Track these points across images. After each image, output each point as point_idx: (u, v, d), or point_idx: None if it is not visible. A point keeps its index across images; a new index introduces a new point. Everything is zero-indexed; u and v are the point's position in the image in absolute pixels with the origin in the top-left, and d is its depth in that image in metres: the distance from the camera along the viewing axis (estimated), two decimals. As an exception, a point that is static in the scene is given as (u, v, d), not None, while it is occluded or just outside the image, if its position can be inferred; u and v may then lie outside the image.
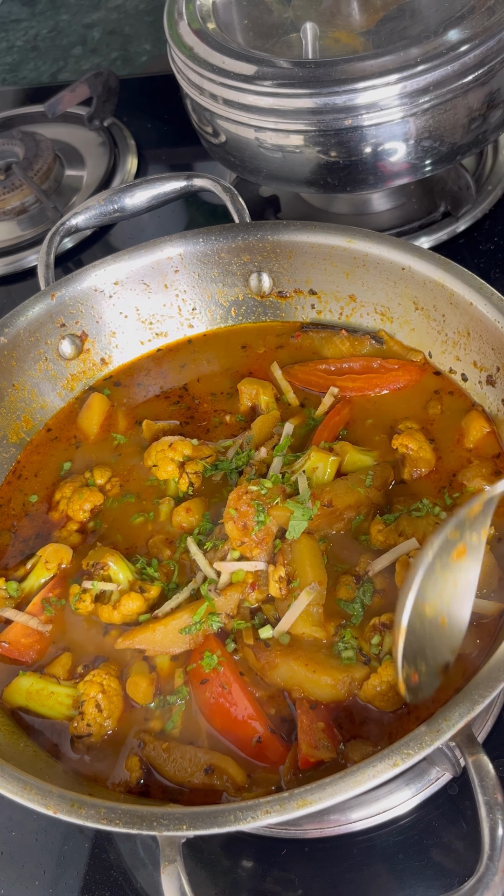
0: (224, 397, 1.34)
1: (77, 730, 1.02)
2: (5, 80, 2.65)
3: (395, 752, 0.82)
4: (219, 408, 1.33)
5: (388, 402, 1.27)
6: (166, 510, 1.21)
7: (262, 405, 1.29)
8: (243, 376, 1.34)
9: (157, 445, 1.25)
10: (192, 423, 1.33)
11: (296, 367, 1.32)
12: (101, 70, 2.09)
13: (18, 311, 1.32)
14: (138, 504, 1.24)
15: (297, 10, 1.60)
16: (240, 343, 1.40)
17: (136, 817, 0.83)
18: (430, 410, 1.24)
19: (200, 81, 1.49)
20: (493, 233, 1.67)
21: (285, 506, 1.08)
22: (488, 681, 0.85)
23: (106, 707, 1.03)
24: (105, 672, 1.05)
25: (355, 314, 1.35)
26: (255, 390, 1.29)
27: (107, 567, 1.12)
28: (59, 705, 1.05)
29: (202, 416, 1.33)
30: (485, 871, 0.78)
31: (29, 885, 1.13)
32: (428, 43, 1.36)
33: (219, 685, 1.01)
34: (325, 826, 1.08)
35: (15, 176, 1.98)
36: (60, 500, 1.25)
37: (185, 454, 1.23)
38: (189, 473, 1.22)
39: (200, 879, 1.09)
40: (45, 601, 1.14)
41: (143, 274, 1.38)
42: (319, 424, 1.24)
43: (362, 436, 1.24)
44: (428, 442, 1.18)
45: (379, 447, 1.22)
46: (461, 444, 1.19)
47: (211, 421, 1.32)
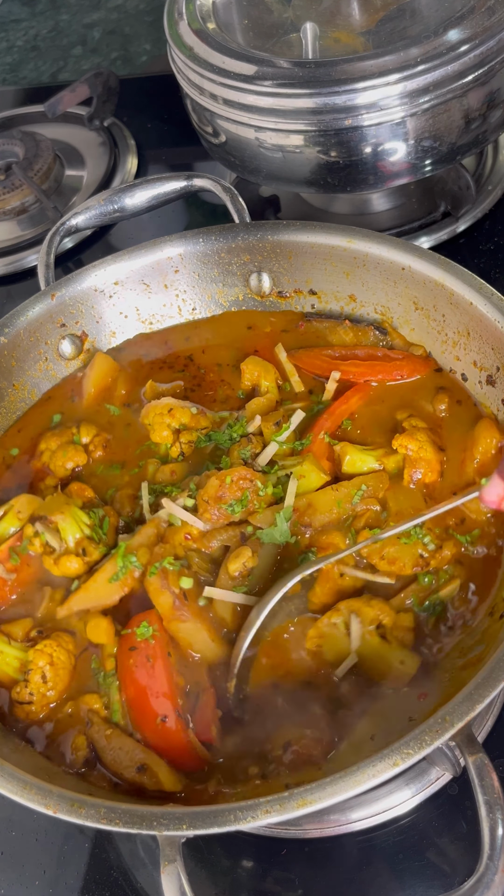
0: (230, 369, 1.34)
1: (19, 696, 1.03)
2: (5, 80, 2.65)
3: (395, 752, 0.82)
4: (225, 378, 1.33)
5: (394, 396, 1.26)
6: (150, 471, 1.22)
7: (261, 387, 1.29)
8: (247, 354, 1.33)
9: (157, 407, 1.25)
10: (197, 391, 1.33)
11: (300, 352, 1.32)
12: (101, 70, 2.09)
13: (18, 311, 1.32)
14: (123, 457, 1.26)
15: (297, 10, 1.60)
16: (245, 324, 1.40)
17: (136, 817, 0.83)
18: (435, 405, 1.22)
19: (200, 81, 1.49)
20: (493, 233, 1.67)
21: (263, 515, 1.10)
22: (488, 681, 0.85)
23: (52, 678, 1.03)
24: (57, 643, 1.05)
25: (355, 314, 1.35)
26: (257, 371, 1.29)
27: (54, 523, 1.13)
28: (7, 666, 1.06)
29: (208, 386, 1.33)
30: (485, 871, 0.78)
31: (29, 885, 1.13)
32: (428, 43, 1.36)
33: (144, 656, 1.01)
34: (325, 826, 1.08)
35: (15, 176, 1.98)
36: (45, 451, 1.26)
37: (183, 422, 1.23)
38: (182, 442, 1.23)
39: (200, 879, 1.09)
40: (12, 549, 1.14)
41: (143, 274, 1.38)
42: (324, 411, 1.24)
43: (366, 430, 1.23)
44: (431, 443, 1.16)
45: (383, 445, 1.20)
46: (470, 456, 1.16)
47: (217, 392, 1.32)
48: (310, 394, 1.29)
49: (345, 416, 1.24)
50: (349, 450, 1.17)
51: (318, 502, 1.12)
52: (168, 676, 1.00)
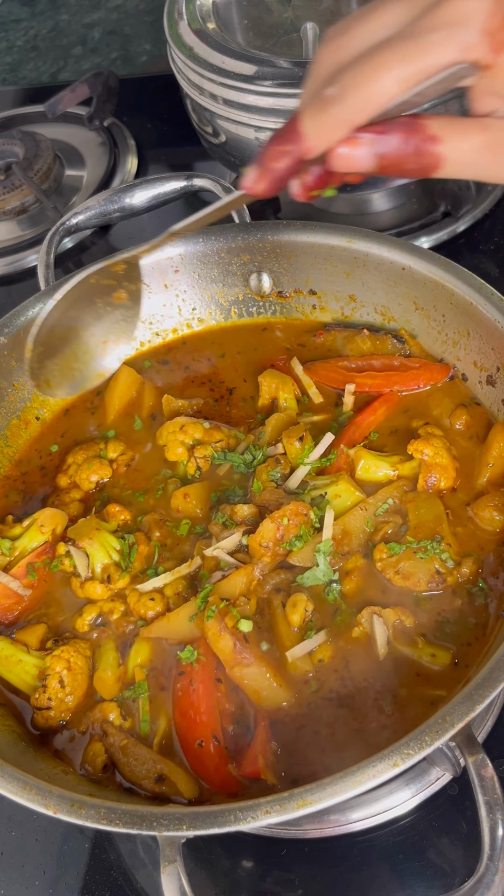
0: (250, 381, 1.34)
1: (38, 701, 1.03)
2: (5, 80, 2.65)
3: (396, 752, 0.82)
4: (245, 394, 1.33)
5: (413, 404, 1.25)
6: (172, 490, 1.22)
7: (280, 400, 1.28)
8: (265, 367, 1.33)
9: (170, 426, 1.25)
10: (220, 403, 1.33)
11: (316, 364, 1.31)
12: (101, 70, 2.09)
13: (18, 311, 1.32)
14: (145, 484, 1.25)
15: (297, 10, 1.60)
16: (260, 335, 1.41)
17: (136, 817, 0.83)
18: (453, 420, 1.21)
19: (200, 81, 1.49)
20: (493, 233, 1.67)
21: (301, 553, 1.08)
22: (488, 681, 0.85)
23: (69, 683, 1.03)
24: (74, 649, 1.05)
25: (355, 314, 1.35)
26: (275, 384, 1.28)
27: (83, 548, 1.13)
28: (26, 674, 1.06)
29: (228, 401, 1.33)
30: (485, 871, 0.78)
31: (29, 885, 1.13)
32: (428, 43, 1.36)
33: (189, 680, 1.01)
34: (325, 826, 1.08)
35: (15, 176, 1.98)
36: (71, 464, 1.26)
37: (196, 437, 1.23)
38: (197, 458, 1.22)
39: (200, 879, 1.09)
40: (30, 566, 1.14)
41: (143, 274, 1.36)
42: (350, 423, 1.23)
43: (381, 438, 1.23)
44: (446, 449, 1.14)
45: (399, 452, 1.19)
46: (484, 462, 1.15)
47: (237, 404, 1.32)
48: (335, 406, 1.27)
49: (372, 427, 1.22)
50: (363, 454, 1.16)
51: (351, 527, 1.10)
52: (209, 701, 1.00)
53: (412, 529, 1.09)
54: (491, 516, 1.10)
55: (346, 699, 1.00)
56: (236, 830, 0.81)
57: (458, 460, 1.16)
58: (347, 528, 1.10)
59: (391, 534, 1.10)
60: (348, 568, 1.08)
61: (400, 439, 1.20)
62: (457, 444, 1.18)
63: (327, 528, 1.08)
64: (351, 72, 0.73)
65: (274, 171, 0.80)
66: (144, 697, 1.04)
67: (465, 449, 1.18)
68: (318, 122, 0.76)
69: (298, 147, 0.78)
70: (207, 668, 1.02)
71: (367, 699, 0.99)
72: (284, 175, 0.80)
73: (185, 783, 0.96)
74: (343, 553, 1.09)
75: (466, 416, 1.20)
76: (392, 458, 1.17)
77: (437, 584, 1.05)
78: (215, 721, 0.99)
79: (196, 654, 1.02)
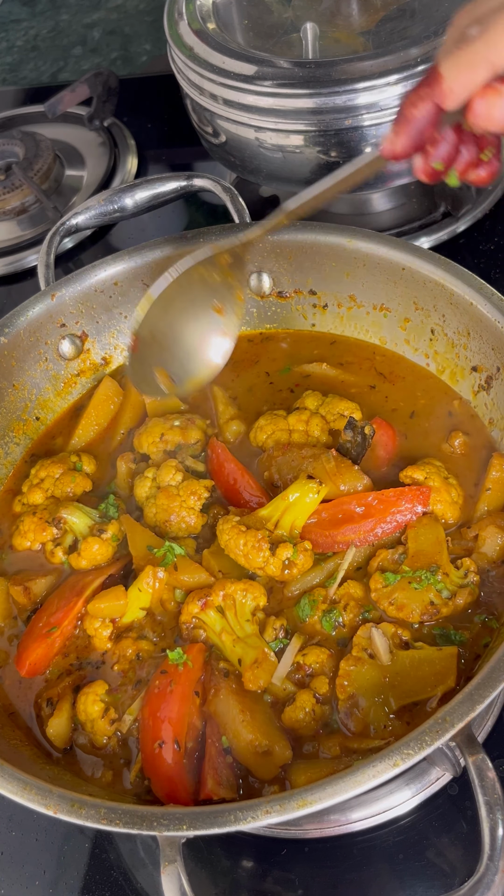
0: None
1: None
2: (5, 80, 2.65)
3: (396, 752, 0.82)
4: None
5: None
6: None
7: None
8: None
9: (149, 436, 1.25)
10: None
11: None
12: (101, 70, 2.09)
13: (18, 311, 1.32)
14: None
15: (297, 10, 1.60)
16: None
17: (136, 817, 0.83)
18: (450, 441, 1.20)
19: (200, 81, 1.49)
20: (494, 233, 1.67)
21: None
22: (488, 681, 0.85)
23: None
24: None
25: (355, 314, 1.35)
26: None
27: (64, 521, 1.17)
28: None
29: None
30: (485, 871, 0.78)
31: (29, 885, 1.13)
32: (428, 43, 1.36)
33: (168, 680, 1.01)
34: (325, 826, 1.08)
35: (15, 176, 1.98)
36: (46, 478, 1.24)
37: (178, 442, 1.24)
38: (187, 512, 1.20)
39: (200, 879, 1.09)
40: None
41: (143, 274, 1.37)
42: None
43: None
44: (438, 474, 1.13)
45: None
46: (483, 488, 1.14)
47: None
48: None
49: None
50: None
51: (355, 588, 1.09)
52: (181, 708, 0.99)
53: (410, 558, 1.07)
54: (493, 541, 1.08)
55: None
56: (236, 830, 0.81)
57: (457, 487, 1.15)
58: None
59: (390, 561, 1.09)
60: (343, 596, 1.08)
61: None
62: (453, 469, 1.18)
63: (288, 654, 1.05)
64: (494, 15, 0.71)
65: (412, 121, 0.78)
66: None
67: (463, 473, 1.18)
68: (458, 60, 0.74)
69: (437, 89, 0.75)
70: (190, 676, 1.02)
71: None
72: (422, 127, 0.78)
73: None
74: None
75: (461, 436, 1.21)
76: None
77: (430, 616, 1.03)
78: (182, 728, 0.98)
79: (184, 657, 1.02)
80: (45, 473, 1.25)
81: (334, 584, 1.08)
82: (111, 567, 1.15)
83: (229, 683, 1.02)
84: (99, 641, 1.08)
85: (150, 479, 1.20)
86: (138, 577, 1.10)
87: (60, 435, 1.36)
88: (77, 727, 1.05)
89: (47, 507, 1.21)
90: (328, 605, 1.07)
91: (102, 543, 1.15)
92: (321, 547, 1.12)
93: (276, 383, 1.35)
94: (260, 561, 1.07)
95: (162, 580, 1.09)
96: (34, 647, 1.09)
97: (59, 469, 1.25)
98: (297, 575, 1.09)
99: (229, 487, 1.20)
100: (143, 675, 1.06)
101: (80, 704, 1.04)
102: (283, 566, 1.07)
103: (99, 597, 1.10)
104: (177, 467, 1.19)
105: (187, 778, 0.97)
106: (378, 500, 1.11)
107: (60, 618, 1.10)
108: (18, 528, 1.21)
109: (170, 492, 1.17)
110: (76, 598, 1.11)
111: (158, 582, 1.09)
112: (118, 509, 1.20)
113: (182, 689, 1.00)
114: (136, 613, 1.10)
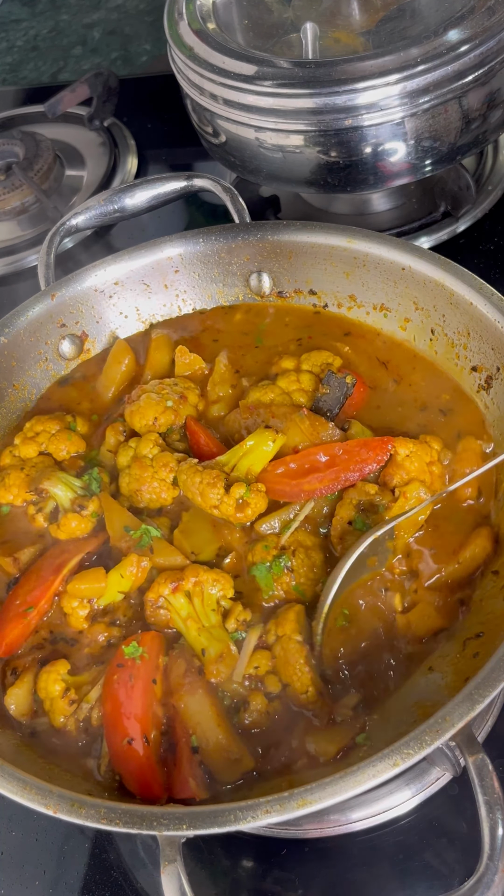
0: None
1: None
2: (5, 80, 2.65)
3: (396, 752, 0.82)
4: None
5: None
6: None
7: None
8: None
9: (137, 408, 1.25)
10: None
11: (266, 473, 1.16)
12: (101, 70, 2.09)
13: (18, 311, 1.32)
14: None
15: (297, 10, 1.60)
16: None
17: (136, 817, 0.83)
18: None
19: (200, 81, 1.49)
20: (493, 233, 1.67)
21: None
22: (488, 681, 0.85)
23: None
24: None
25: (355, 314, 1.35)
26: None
27: (46, 492, 1.18)
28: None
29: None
30: (485, 871, 0.78)
31: (29, 885, 1.13)
32: (428, 43, 1.36)
33: (128, 675, 1.01)
34: (325, 826, 1.08)
35: (15, 176, 1.98)
36: (41, 433, 1.25)
37: (167, 423, 1.24)
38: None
39: (200, 879, 1.09)
40: None
41: (143, 274, 1.38)
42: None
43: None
44: (422, 457, 1.12)
45: None
46: (461, 553, 1.08)
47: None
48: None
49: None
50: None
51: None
52: (144, 701, 0.99)
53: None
54: (429, 613, 1.05)
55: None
56: (236, 830, 0.81)
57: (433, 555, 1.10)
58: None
59: (366, 499, 1.11)
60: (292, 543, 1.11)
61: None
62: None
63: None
64: None
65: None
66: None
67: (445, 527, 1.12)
68: None
69: None
70: (148, 667, 1.02)
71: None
72: None
73: None
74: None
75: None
76: None
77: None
78: (148, 722, 0.98)
79: (140, 650, 1.02)
80: (41, 428, 1.26)
81: (288, 531, 1.10)
82: (89, 544, 1.15)
83: (205, 682, 1.01)
84: (75, 620, 1.09)
85: (132, 448, 1.21)
86: (121, 562, 1.10)
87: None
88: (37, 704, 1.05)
89: (35, 465, 1.22)
90: (277, 552, 1.09)
91: (81, 520, 1.15)
92: (288, 496, 1.13)
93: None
94: (214, 498, 1.10)
95: (145, 569, 1.10)
96: (11, 626, 1.09)
97: (55, 425, 1.26)
98: (251, 516, 1.11)
99: (205, 457, 1.20)
100: (107, 660, 1.06)
101: (40, 682, 1.04)
102: (238, 506, 1.10)
103: (79, 577, 1.10)
104: (156, 441, 1.20)
105: (158, 770, 0.97)
106: (343, 451, 1.14)
107: (38, 596, 1.10)
108: (4, 481, 1.21)
109: (143, 462, 1.17)
110: (53, 576, 1.11)
111: (141, 571, 1.09)
112: (100, 484, 1.20)
113: (142, 683, 1.00)
114: (114, 597, 1.10)
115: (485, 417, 1.20)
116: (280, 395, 1.23)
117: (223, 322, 1.40)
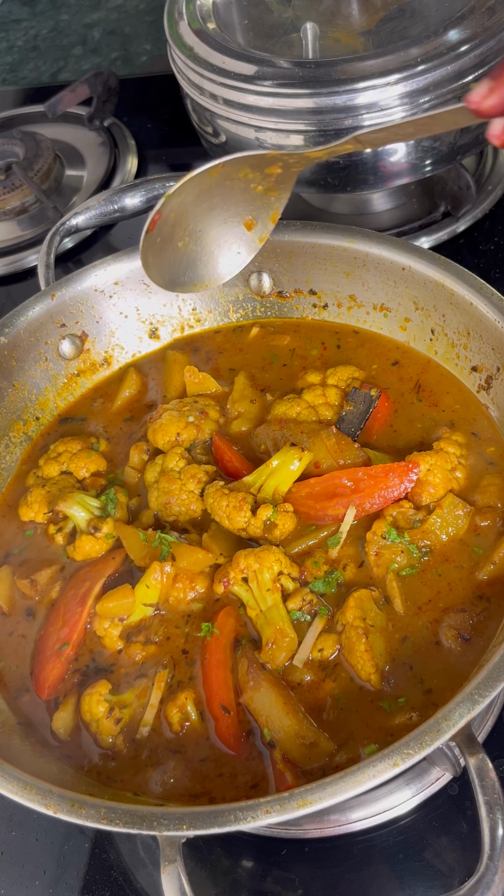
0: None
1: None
2: (5, 80, 2.65)
3: (396, 752, 0.82)
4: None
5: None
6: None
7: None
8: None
9: (159, 425, 1.25)
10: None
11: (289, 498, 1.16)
12: (101, 70, 2.09)
13: (18, 311, 1.32)
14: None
15: (297, 10, 1.60)
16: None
17: (136, 817, 0.83)
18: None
19: (200, 81, 1.49)
20: (494, 233, 1.67)
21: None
22: (488, 681, 0.85)
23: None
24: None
25: (355, 314, 1.35)
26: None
27: (62, 513, 1.19)
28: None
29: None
30: (485, 871, 0.78)
31: (29, 885, 1.13)
32: (428, 43, 1.36)
33: (205, 652, 1.06)
34: (325, 826, 1.08)
35: (15, 176, 1.98)
36: (63, 453, 1.27)
37: (190, 439, 1.24)
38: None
39: (200, 879, 1.09)
40: None
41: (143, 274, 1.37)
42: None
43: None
44: (444, 470, 1.11)
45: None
46: (487, 563, 1.08)
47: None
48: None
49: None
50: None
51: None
52: (221, 673, 1.03)
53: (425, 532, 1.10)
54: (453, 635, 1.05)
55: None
56: (236, 830, 0.81)
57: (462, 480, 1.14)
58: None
59: (404, 518, 1.11)
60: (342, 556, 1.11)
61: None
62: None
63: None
64: None
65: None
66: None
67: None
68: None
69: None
70: (220, 643, 1.05)
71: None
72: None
73: None
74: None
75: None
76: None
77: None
78: (227, 692, 1.02)
79: (211, 627, 1.06)
80: (64, 448, 1.28)
81: (337, 545, 1.11)
82: (108, 567, 1.15)
83: (268, 676, 1.02)
84: (109, 641, 1.09)
85: (159, 465, 1.22)
86: (145, 573, 1.10)
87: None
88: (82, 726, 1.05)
89: (57, 483, 1.23)
90: (329, 567, 1.10)
91: (96, 542, 1.16)
92: (314, 520, 1.14)
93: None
94: (241, 521, 1.10)
95: (169, 574, 1.10)
96: (49, 668, 1.09)
97: (77, 445, 1.27)
98: (279, 537, 1.12)
99: (231, 474, 1.22)
100: (147, 672, 1.07)
101: (84, 704, 1.04)
102: (265, 527, 1.10)
103: (107, 596, 1.10)
104: (182, 454, 1.20)
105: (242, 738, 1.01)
106: (368, 476, 1.13)
107: (69, 633, 1.10)
108: (26, 499, 1.23)
109: (171, 475, 1.18)
110: (80, 608, 1.11)
111: (166, 577, 1.10)
112: (116, 505, 1.20)
113: (215, 658, 1.04)
114: (143, 611, 1.10)
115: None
116: (306, 408, 1.23)
117: (238, 340, 1.41)
